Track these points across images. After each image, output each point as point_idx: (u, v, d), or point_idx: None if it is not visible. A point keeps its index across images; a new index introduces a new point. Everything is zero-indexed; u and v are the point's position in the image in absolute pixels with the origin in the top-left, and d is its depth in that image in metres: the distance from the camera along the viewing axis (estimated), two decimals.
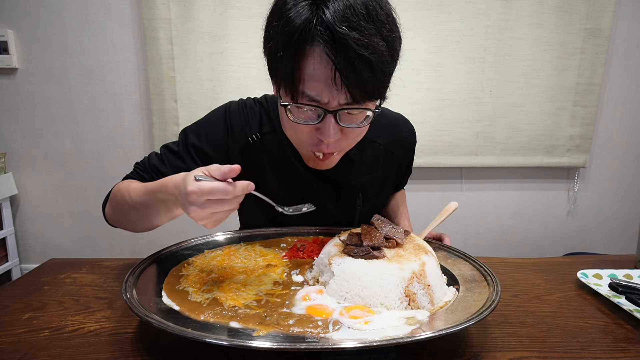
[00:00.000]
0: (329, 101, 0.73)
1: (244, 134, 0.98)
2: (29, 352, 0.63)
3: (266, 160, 0.99)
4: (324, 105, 0.74)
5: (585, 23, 2.17)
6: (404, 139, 1.09)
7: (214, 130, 0.98)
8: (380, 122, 1.01)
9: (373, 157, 1.04)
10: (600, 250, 2.41)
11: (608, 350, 0.65)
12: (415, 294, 0.67)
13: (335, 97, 0.73)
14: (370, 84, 0.71)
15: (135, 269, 0.75)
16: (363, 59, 0.68)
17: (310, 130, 0.79)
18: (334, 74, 0.70)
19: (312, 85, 0.72)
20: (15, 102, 2.20)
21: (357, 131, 0.82)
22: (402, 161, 1.11)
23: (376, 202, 1.11)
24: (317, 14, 0.69)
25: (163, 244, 0.91)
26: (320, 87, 0.72)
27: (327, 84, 0.71)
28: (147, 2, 2.04)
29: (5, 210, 2.23)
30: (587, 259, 1.16)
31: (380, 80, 0.73)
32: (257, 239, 0.97)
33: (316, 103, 0.74)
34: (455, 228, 2.43)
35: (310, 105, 0.74)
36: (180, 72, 2.13)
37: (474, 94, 2.23)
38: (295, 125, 0.80)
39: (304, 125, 0.78)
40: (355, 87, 0.71)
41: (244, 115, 0.99)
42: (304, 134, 0.81)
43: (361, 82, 0.70)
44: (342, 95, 0.72)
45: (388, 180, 1.10)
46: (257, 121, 0.99)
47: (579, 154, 2.33)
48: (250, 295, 0.70)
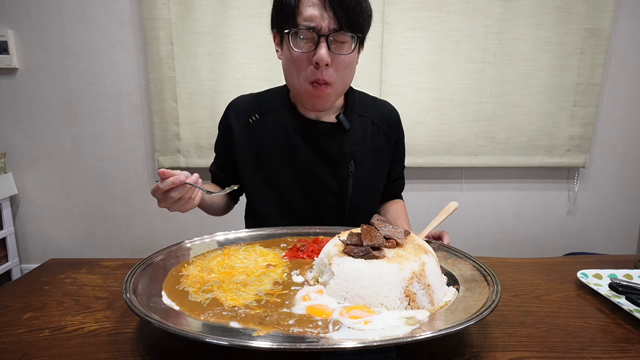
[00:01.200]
0: (321, 27, 0.93)
1: (245, 116, 1.16)
2: (29, 352, 0.63)
3: (266, 137, 1.14)
4: (317, 30, 0.94)
5: (585, 23, 2.17)
6: (387, 114, 1.23)
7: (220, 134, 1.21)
8: (366, 100, 1.22)
9: (362, 129, 1.17)
10: (600, 250, 2.42)
11: (608, 350, 0.65)
12: (415, 294, 0.67)
13: (327, 21, 0.93)
14: (353, 13, 0.94)
15: (135, 269, 0.75)
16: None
17: (307, 58, 0.97)
18: (324, 2, 0.92)
19: (307, 14, 0.93)
20: (15, 102, 2.20)
21: (345, 62, 0.99)
22: (389, 135, 1.21)
23: (372, 176, 1.18)
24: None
25: (163, 244, 0.91)
26: (314, 13, 0.93)
27: (320, 9, 0.93)
28: (147, 2, 2.04)
29: (5, 210, 2.23)
30: (587, 259, 1.16)
31: (362, 11, 0.96)
32: (257, 239, 0.97)
33: (311, 26, 0.93)
34: (455, 228, 2.43)
35: (307, 27, 0.94)
36: (180, 72, 2.13)
37: (474, 94, 2.23)
38: (294, 58, 0.97)
39: (301, 54, 0.96)
40: (341, 12, 0.92)
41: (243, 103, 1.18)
42: (302, 62, 0.97)
43: (345, 8, 0.93)
44: (331, 20, 0.93)
45: (379, 153, 1.19)
46: (256, 106, 1.17)
47: (579, 154, 2.33)
48: (250, 295, 0.70)
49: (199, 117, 2.17)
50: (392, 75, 2.20)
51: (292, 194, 1.14)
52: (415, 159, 2.27)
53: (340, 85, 1.03)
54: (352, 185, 1.14)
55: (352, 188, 1.14)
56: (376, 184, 1.22)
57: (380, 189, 1.24)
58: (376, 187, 1.22)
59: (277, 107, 1.14)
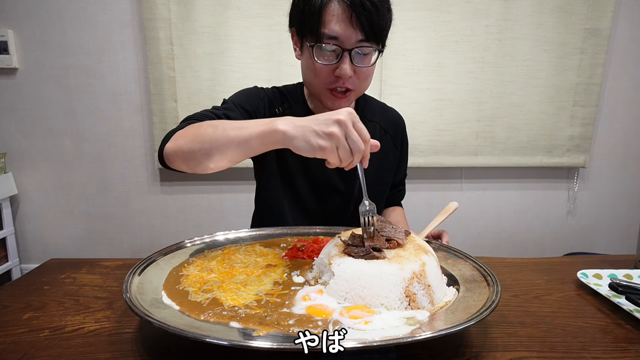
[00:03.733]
0: (345, 40, 0.93)
1: (271, 106, 1.14)
2: (29, 352, 0.63)
3: None
4: (341, 44, 0.93)
5: (585, 23, 2.17)
6: (393, 119, 1.26)
7: (253, 99, 1.12)
8: (374, 105, 1.24)
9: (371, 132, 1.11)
10: (600, 250, 2.42)
11: (608, 350, 0.65)
12: (415, 294, 0.67)
13: (352, 35, 0.92)
14: (377, 25, 0.93)
15: (135, 269, 0.75)
16: (374, 4, 0.91)
17: (330, 70, 0.97)
18: (350, 15, 0.91)
19: (333, 28, 0.92)
20: (15, 102, 2.19)
21: (366, 72, 1.00)
22: (395, 140, 1.25)
23: (376, 180, 1.17)
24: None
25: (163, 244, 0.91)
26: (339, 28, 0.92)
27: (346, 24, 0.92)
28: (147, 2, 2.04)
29: (5, 210, 2.23)
30: (587, 259, 1.16)
31: (383, 21, 0.94)
32: (257, 239, 0.97)
33: (336, 42, 0.93)
34: (455, 228, 2.43)
35: (332, 43, 0.93)
36: (180, 72, 2.13)
37: (474, 94, 2.23)
38: (316, 68, 0.97)
39: (324, 66, 0.96)
40: (367, 24, 0.91)
41: (269, 93, 1.16)
42: (324, 73, 0.98)
43: (371, 20, 0.91)
44: (358, 33, 0.92)
45: (385, 156, 1.20)
46: (278, 99, 1.15)
47: (579, 154, 2.33)
48: (250, 295, 0.70)
49: None
50: (392, 75, 2.19)
51: (306, 194, 1.15)
52: (415, 159, 2.27)
53: (359, 90, 1.05)
54: (358, 186, 1.14)
55: (358, 189, 1.15)
56: (381, 187, 1.23)
57: (386, 192, 1.26)
58: (381, 190, 1.24)
59: (293, 105, 1.15)
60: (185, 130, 0.87)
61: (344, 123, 0.68)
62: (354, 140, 0.68)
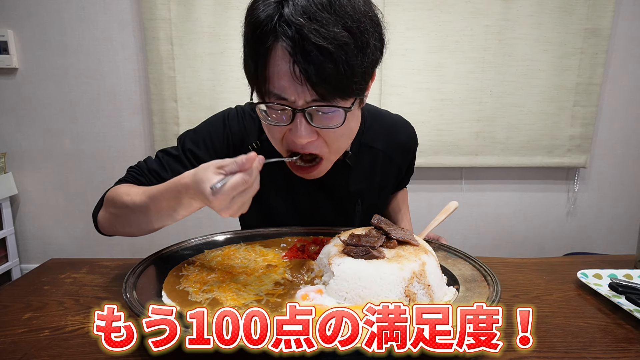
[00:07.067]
0: (295, 99, 0.71)
1: (243, 142, 0.97)
2: (29, 352, 0.63)
3: (265, 171, 0.99)
4: (291, 104, 0.71)
5: (585, 23, 2.17)
6: (403, 144, 1.07)
7: (213, 138, 0.96)
8: (379, 127, 1.02)
9: (371, 163, 1.02)
10: (600, 250, 2.41)
11: (608, 350, 0.65)
12: (415, 294, 0.67)
13: (301, 94, 0.70)
14: (334, 78, 0.68)
15: (135, 269, 0.75)
16: (322, 49, 0.65)
17: (283, 131, 0.77)
18: (293, 69, 0.67)
19: (277, 84, 0.70)
20: (15, 102, 2.20)
21: (336, 134, 0.76)
22: (402, 165, 1.10)
23: (376, 204, 1.11)
24: (279, 10, 0.68)
25: (163, 244, 0.91)
26: (284, 84, 0.70)
27: (290, 81, 0.69)
28: (147, 2, 2.04)
29: (5, 210, 2.23)
30: (587, 259, 1.16)
31: (346, 74, 0.68)
32: (257, 239, 0.97)
33: (284, 102, 0.72)
34: (455, 228, 2.43)
35: (278, 104, 0.72)
36: (180, 72, 2.13)
37: (474, 94, 2.23)
38: (270, 128, 0.79)
39: (276, 127, 0.77)
40: (319, 81, 0.67)
41: (242, 123, 0.98)
42: (278, 135, 0.79)
43: (324, 76, 0.67)
44: (307, 92, 0.69)
45: (387, 185, 1.10)
46: (256, 129, 0.97)
47: (579, 154, 2.33)
48: (251, 296, 0.70)
49: (198, 117, 2.16)
50: (392, 75, 2.19)
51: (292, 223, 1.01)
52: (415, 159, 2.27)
53: (334, 154, 0.83)
54: (358, 223, 1.03)
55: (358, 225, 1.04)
56: (382, 205, 1.16)
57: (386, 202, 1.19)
58: (382, 206, 1.16)
59: None
60: (106, 203, 0.87)
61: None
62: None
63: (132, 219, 0.83)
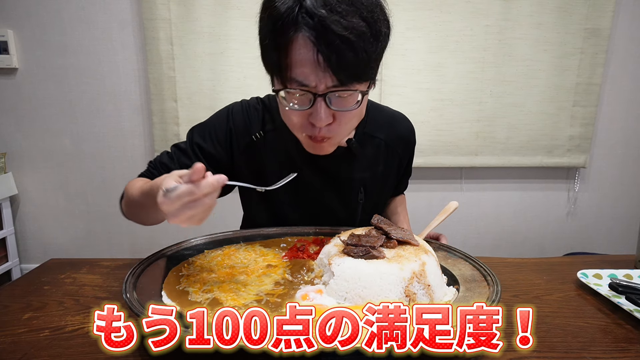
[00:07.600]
0: (316, 85, 0.76)
1: (247, 133, 1.01)
2: (29, 352, 0.63)
3: (269, 158, 1.01)
4: (312, 89, 0.76)
5: (585, 23, 2.17)
6: (403, 135, 1.11)
7: (217, 131, 1.01)
8: (381, 118, 1.08)
9: (374, 152, 1.06)
10: (600, 250, 2.41)
11: (608, 350, 0.65)
12: (415, 294, 0.67)
13: (322, 80, 0.75)
14: (353, 65, 0.74)
15: (135, 269, 0.75)
16: (343, 39, 0.71)
17: (303, 115, 0.82)
18: (317, 57, 0.72)
19: (299, 71, 0.75)
20: (15, 102, 2.20)
21: (350, 115, 0.83)
22: (402, 157, 1.12)
23: (378, 200, 1.12)
24: (299, 2, 0.72)
25: (163, 244, 0.91)
26: (306, 71, 0.74)
27: (313, 68, 0.74)
28: (147, 2, 2.04)
29: (5, 210, 2.23)
30: (587, 259, 1.16)
31: (364, 60, 0.74)
32: (257, 239, 0.97)
33: (305, 88, 0.76)
34: (455, 228, 2.43)
35: (300, 89, 0.77)
36: (180, 72, 2.13)
37: (474, 94, 2.23)
38: (289, 112, 0.83)
39: (297, 111, 0.81)
40: (339, 68, 0.73)
41: (247, 115, 1.02)
42: (298, 119, 0.83)
43: (344, 63, 0.73)
44: (328, 77, 0.74)
45: (389, 176, 1.11)
46: (259, 120, 1.02)
47: (579, 154, 2.33)
48: (251, 296, 0.70)
49: (198, 117, 2.14)
50: (392, 75, 2.19)
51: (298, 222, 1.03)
52: (415, 159, 2.25)
53: (343, 135, 0.89)
54: (361, 212, 1.06)
55: (361, 216, 1.06)
56: (382, 207, 1.18)
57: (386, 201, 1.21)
58: (382, 209, 1.18)
59: (280, 126, 0.95)
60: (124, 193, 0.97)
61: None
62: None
63: (136, 211, 0.95)
